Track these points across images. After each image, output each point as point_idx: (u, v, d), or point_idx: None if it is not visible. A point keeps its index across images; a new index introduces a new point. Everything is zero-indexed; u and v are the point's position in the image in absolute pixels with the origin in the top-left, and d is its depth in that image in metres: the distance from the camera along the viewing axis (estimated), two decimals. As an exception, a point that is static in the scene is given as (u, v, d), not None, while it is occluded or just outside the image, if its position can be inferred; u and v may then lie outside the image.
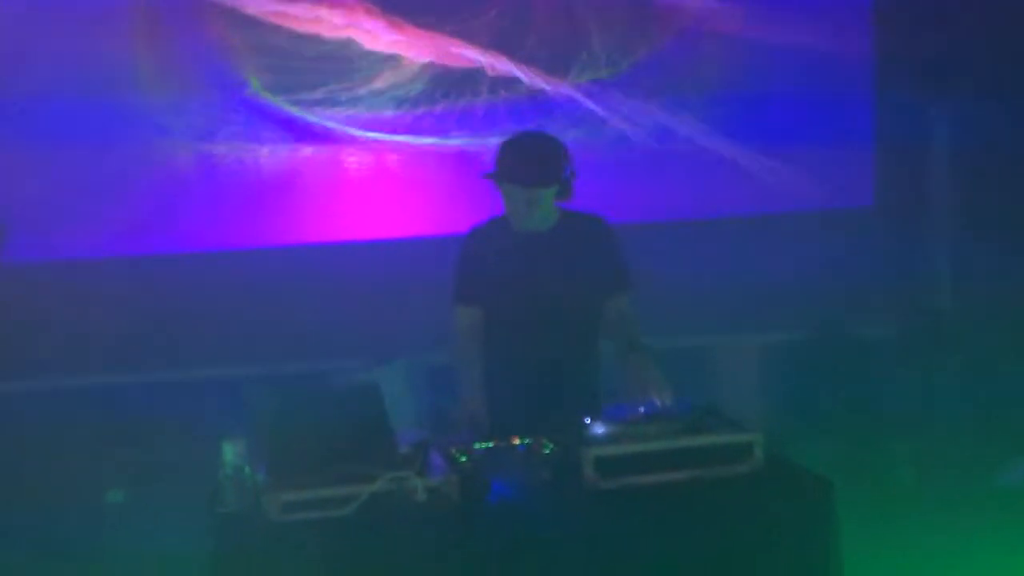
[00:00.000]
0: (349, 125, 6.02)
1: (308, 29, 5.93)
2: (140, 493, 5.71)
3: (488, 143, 5.99)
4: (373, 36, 5.99)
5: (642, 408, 3.66)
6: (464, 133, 6.10)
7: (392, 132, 6.06)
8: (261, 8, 5.89)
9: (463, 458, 3.55)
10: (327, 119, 6.00)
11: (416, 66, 6.06)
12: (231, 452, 3.38)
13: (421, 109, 6.08)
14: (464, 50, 6.07)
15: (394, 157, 6.07)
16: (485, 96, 6.10)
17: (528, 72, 6.12)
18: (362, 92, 6.02)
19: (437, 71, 6.07)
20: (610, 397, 3.97)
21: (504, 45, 6.11)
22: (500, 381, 4.16)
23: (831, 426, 6.11)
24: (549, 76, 6.16)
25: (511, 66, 6.10)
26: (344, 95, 6.01)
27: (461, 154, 6.10)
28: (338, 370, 5.12)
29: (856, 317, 6.44)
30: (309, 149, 5.99)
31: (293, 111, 5.97)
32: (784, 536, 3.39)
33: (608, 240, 4.27)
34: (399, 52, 6.03)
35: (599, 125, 6.22)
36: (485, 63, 6.08)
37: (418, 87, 6.07)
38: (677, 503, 3.42)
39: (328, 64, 5.98)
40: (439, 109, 6.08)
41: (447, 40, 6.06)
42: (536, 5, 6.17)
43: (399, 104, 6.06)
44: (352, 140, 6.04)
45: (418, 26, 6.04)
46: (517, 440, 3.70)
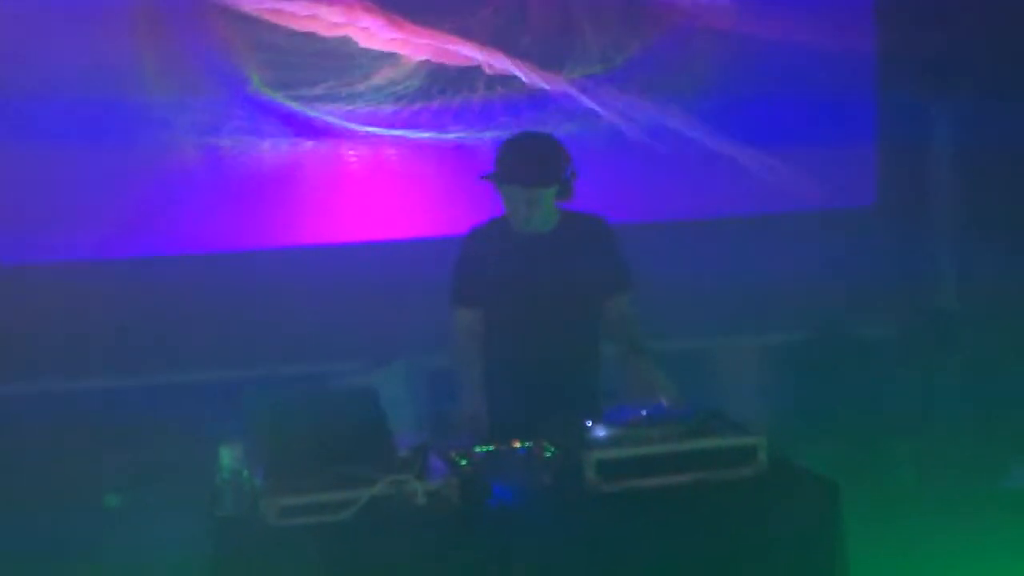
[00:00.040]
0: (348, 120, 6.05)
1: (306, 26, 5.95)
2: (137, 497, 5.70)
3: (485, 137, 6.04)
4: (372, 33, 6.03)
5: (645, 410, 3.65)
6: (461, 128, 6.13)
7: (391, 127, 6.09)
8: (259, 5, 5.91)
9: (463, 461, 3.55)
10: (327, 114, 6.03)
11: (414, 62, 6.10)
12: (229, 456, 3.37)
13: (419, 104, 6.12)
14: (461, 47, 6.10)
15: (393, 152, 6.11)
16: (482, 92, 6.13)
17: (524, 68, 6.15)
18: (361, 88, 6.05)
19: (435, 67, 6.12)
20: (611, 399, 3.97)
21: (500, 41, 6.14)
22: (500, 383, 4.16)
23: (833, 428, 6.10)
24: (544, 71, 6.18)
25: (507, 62, 6.13)
26: (344, 91, 6.04)
27: (459, 148, 6.13)
28: (336, 372, 5.11)
29: (858, 317, 6.44)
30: (310, 143, 6.02)
31: (294, 107, 6.00)
32: (790, 540, 3.39)
33: (609, 240, 4.28)
34: (397, 49, 6.07)
35: (594, 121, 6.23)
36: (482, 59, 6.12)
37: (416, 83, 6.10)
38: (680, 507, 3.41)
39: (328, 61, 6.01)
40: (437, 104, 6.12)
41: (445, 37, 6.09)
42: (531, 1, 6.19)
43: (397, 100, 6.09)
44: (351, 135, 6.07)
45: (416, 23, 6.07)
46: (518, 443, 3.69)
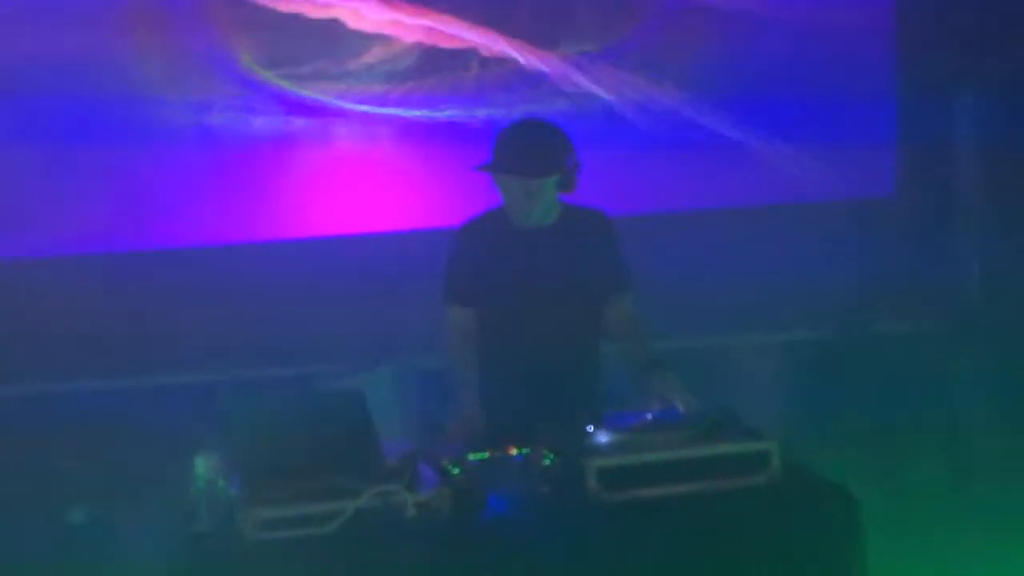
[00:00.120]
0: (341, 99, 6.12)
1: (298, 7, 6.01)
2: (104, 512, 5.67)
3: (478, 115, 6.11)
4: (363, 13, 6.08)
5: (650, 414, 3.65)
6: (454, 106, 6.19)
7: (383, 105, 6.16)
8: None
9: (456, 470, 3.54)
10: (319, 93, 6.10)
11: (407, 41, 6.15)
12: (204, 465, 3.38)
13: (412, 83, 6.18)
14: (455, 25, 6.16)
15: (384, 132, 6.17)
16: (476, 70, 6.19)
17: (518, 45, 6.19)
18: (353, 67, 6.11)
19: (428, 46, 6.17)
20: (614, 402, 3.97)
21: (494, 20, 6.20)
22: (496, 386, 4.14)
23: (852, 432, 6.08)
24: (539, 50, 6.22)
25: (501, 40, 6.19)
26: (335, 69, 6.10)
27: (451, 125, 6.18)
28: (321, 375, 5.12)
29: (877, 314, 6.42)
30: (300, 122, 6.09)
31: (285, 86, 6.06)
32: (805, 553, 3.38)
33: (611, 236, 4.28)
34: (390, 27, 6.13)
35: (591, 100, 6.26)
36: (476, 38, 6.17)
37: (409, 62, 6.16)
38: (688, 518, 3.40)
39: (319, 39, 6.07)
40: (430, 83, 6.18)
41: (438, 15, 6.15)
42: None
43: (389, 78, 6.16)
44: (343, 114, 6.14)
45: (409, 2, 6.13)
46: (514, 450, 3.68)
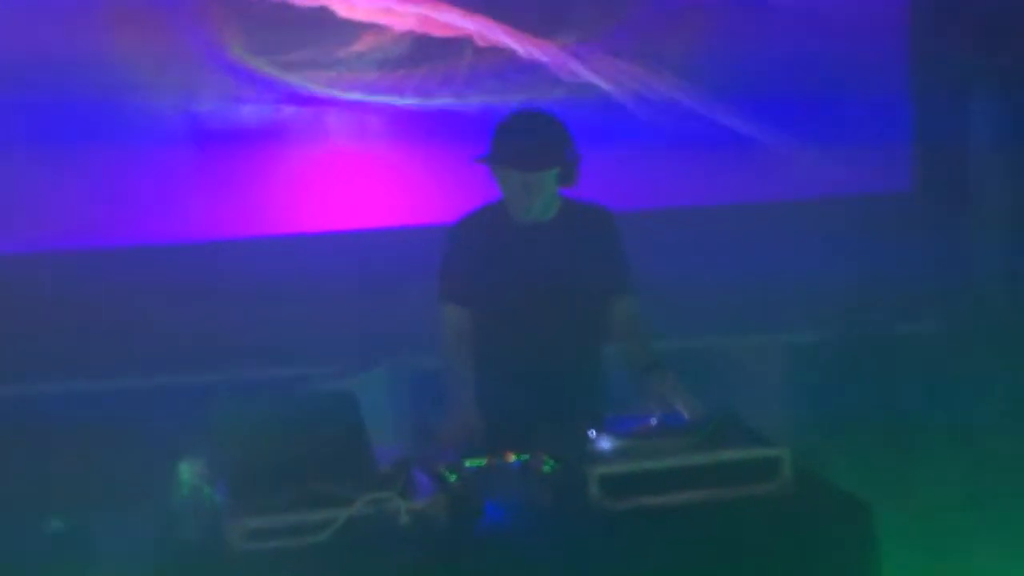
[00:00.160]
0: (331, 87, 6.17)
1: None
2: (83, 520, 5.63)
3: (471, 103, 6.14)
4: (354, 1, 6.11)
5: (654, 419, 3.64)
6: (447, 93, 6.23)
7: (373, 93, 6.20)
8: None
9: (452, 477, 3.53)
10: (309, 81, 6.14)
11: (399, 29, 6.18)
12: (189, 471, 3.38)
13: (403, 71, 6.21)
14: (448, 13, 6.19)
15: (376, 122, 6.21)
16: (469, 58, 6.22)
17: (514, 34, 6.22)
18: (343, 55, 6.16)
19: (420, 34, 6.20)
20: (617, 407, 3.94)
21: (489, 8, 6.23)
22: (494, 389, 4.13)
23: (867, 437, 6.06)
24: (536, 38, 6.25)
25: (497, 28, 6.21)
26: (325, 58, 6.14)
27: (444, 114, 6.20)
28: (311, 377, 5.10)
29: (893, 313, 6.41)
30: (291, 110, 6.13)
31: (274, 74, 6.10)
32: (816, 565, 3.37)
33: (613, 232, 4.27)
34: (382, 16, 6.16)
35: (589, 89, 6.28)
36: (470, 26, 6.20)
37: (401, 50, 6.20)
38: (694, 528, 3.39)
39: (309, 27, 6.10)
40: (423, 71, 6.23)
41: (431, 3, 6.18)
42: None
43: (380, 66, 6.20)
44: (334, 102, 6.18)
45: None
46: (513, 456, 3.68)
